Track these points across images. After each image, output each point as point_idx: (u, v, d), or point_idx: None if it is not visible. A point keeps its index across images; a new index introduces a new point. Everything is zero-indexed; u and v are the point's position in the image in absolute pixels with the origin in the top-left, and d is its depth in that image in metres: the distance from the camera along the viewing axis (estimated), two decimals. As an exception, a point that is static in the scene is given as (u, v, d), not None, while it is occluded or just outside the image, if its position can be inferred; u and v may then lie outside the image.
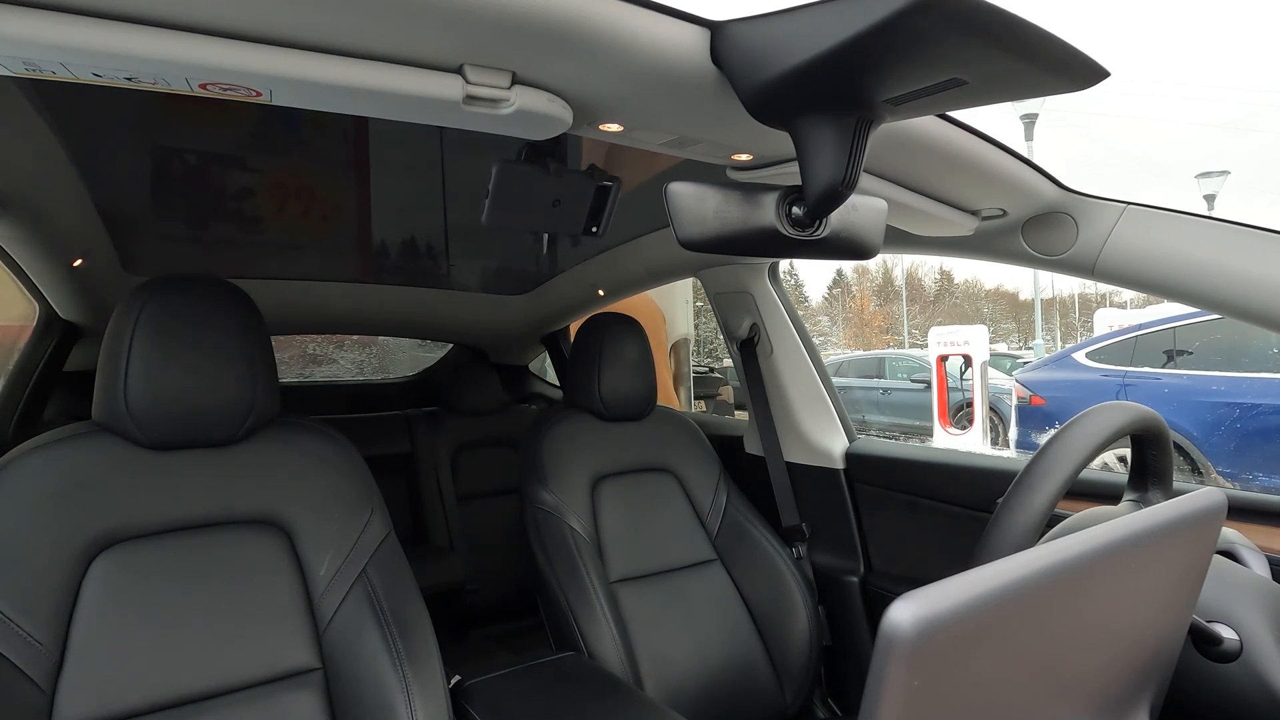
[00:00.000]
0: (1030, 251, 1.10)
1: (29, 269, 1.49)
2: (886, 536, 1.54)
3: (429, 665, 0.96)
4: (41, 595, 0.83)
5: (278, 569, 0.97)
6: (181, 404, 0.92)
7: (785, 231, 0.67)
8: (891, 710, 0.33)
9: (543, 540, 1.35)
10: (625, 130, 0.76)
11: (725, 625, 1.43)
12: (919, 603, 0.33)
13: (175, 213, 1.60)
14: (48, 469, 0.88)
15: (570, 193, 0.94)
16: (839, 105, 0.60)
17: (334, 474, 1.04)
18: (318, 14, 0.52)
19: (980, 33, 0.47)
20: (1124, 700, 0.54)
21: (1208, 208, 11.65)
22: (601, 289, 2.13)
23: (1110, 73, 0.53)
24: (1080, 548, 0.42)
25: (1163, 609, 0.54)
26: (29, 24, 0.48)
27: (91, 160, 1.26)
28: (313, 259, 1.96)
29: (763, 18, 0.58)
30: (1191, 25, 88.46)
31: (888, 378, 10.66)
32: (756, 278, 1.68)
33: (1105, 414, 0.73)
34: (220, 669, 0.89)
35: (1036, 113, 12.58)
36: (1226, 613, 0.66)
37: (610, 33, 0.57)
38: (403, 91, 0.60)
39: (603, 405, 1.50)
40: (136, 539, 0.90)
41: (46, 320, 1.72)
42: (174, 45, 0.52)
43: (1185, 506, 0.51)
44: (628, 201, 1.21)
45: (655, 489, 1.53)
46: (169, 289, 0.94)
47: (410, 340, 3.18)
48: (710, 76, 0.64)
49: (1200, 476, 4.51)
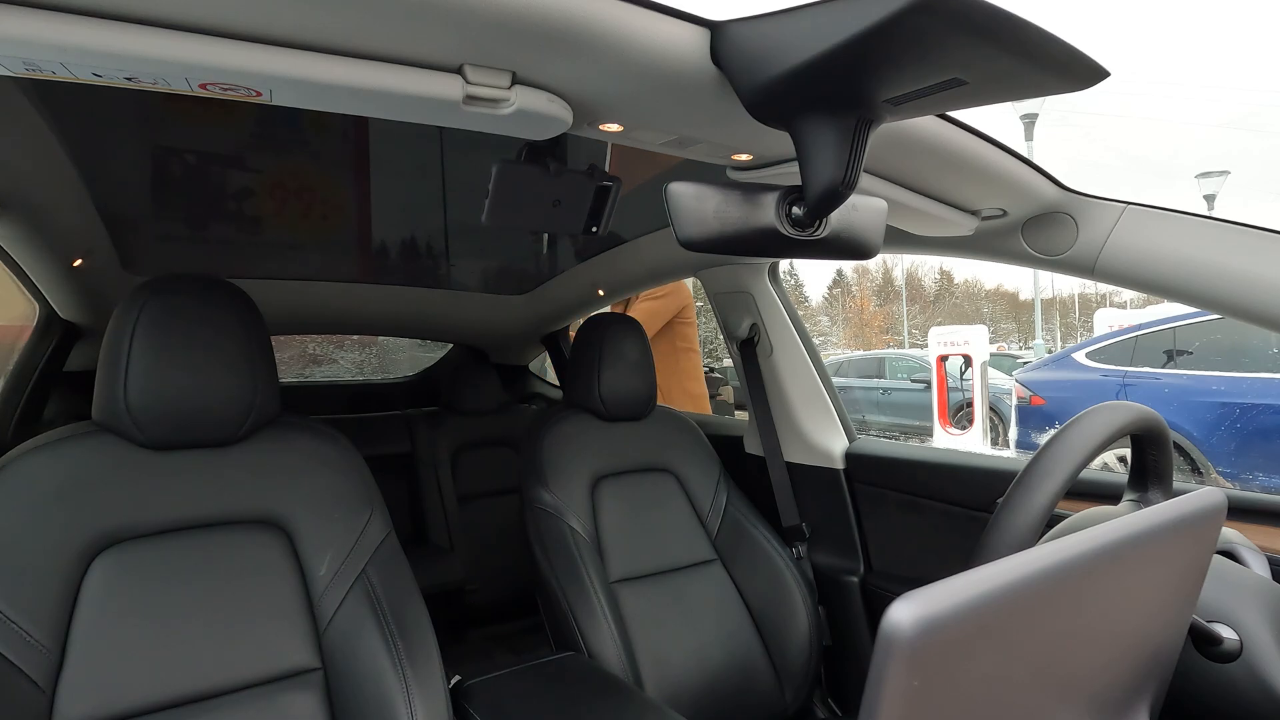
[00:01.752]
0: (1030, 251, 1.10)
1: (29, 269, 1.49)
2: (886, 536, 1.54)
3: (429, 665, 0.96)
4: (42, 595, 0.83)
5: (278, 569, 0.97)
6: (182, 404, 0.92)
7: (785, 231, 0.67)
8: (891, 710, 0.33)
9: (543, 540, 1.35)
10: (625, 130, 0.76)
11: (725, 625, 1.43)
12: (919, 603, 0.33)
13: (175, 213, 1.60)
14: (48, 469, 0.88)
15: (570, 193, 0.94)
16: (839, 105, 0.60)
17: (334, 474, 1.04)
18: (318, 14, 0.52)
19: (980, 33, 0.47)
20: (1124, 700, 0.54)
21: (1208, 208, 11.65)
22: (601, 289, 2.13)
23: (1110, 73, 0.53)
24: (1080, 548, 0.42)
25: (1163, 609, 0.54)
26: (29, 24, 0.48)
27: (91, 160, 1.26)
28: (313, 259, 1.96)
29: (763, 18, 0.58)
30: (1192, 25, 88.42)
31: (888, 378, 10.66)
32: (756, 278, 1.68)
33: (1105, 414, 0.73)
34: (220, 669, 0.89)
35: (1036, 113, 12.59)
36: (1226, 613, 0.66)
37: (610, 33, 0.57)
38: (403, 91, 0.60)
39: (603, 405, 1.50)
40: (137, 539, 0.90)
41: (46, 320, 1.72)
42: (174, 45, 0.52)
43: (1185, 506, 0.51)
44: (628, 201, 1.21)
45: (655, 489, 1.53)
46: (169, 289, 0.94)
47: (410, 340, 3.18)
48: (710, 76, 0.64)
49: (1200, 476, 4.51)
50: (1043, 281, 18.30)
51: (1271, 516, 1.00)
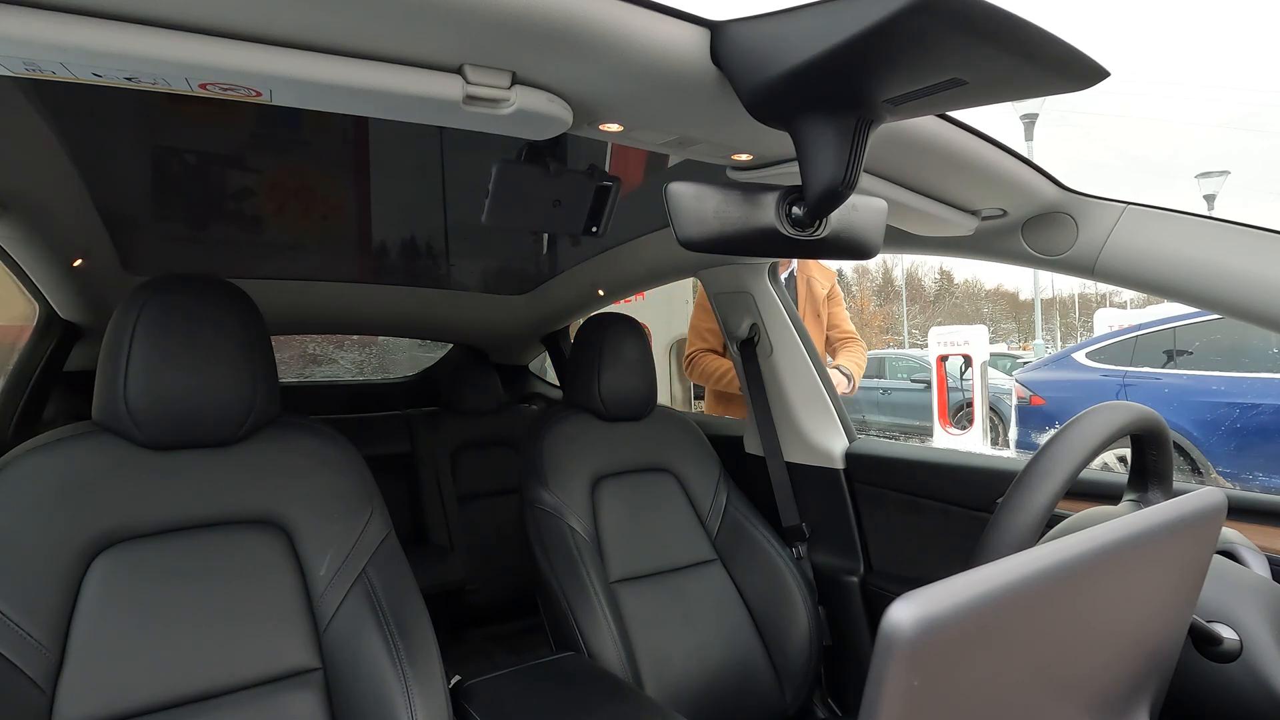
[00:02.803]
0: (1030, 251, 1.10)
1: (29, 269, 1.49)
2: (886, 536, 1.54)
3: (429, 665, 0.96)
4: (42, 595, 0.83)
5: (278, 569, 0.97)
6: (181, 404, 0.92)
7: (785, 231, 0.67)
8: (891, 710, 0.33)
9: (543, 540, 1.35)
10: (625, 130, 0.76)
11: (725, 625, 1.43)
12: (919, 603, 0.33)
13: (175, 213, 1.60)
14: (48, 469, 0.88)
15: (570, 193, 0.94)
16: (839, 105, 0.60)
17: (334, 474, 1.04)
18: (318, 14, 0.52)
19: (980, 33, 0.47)
20: (1124, 700, 0.54)
21: (1208, 208, 11.65)
22: (601, 289, 2.13)
23: (1110, 73, 0.53)
24: (1080, 548, 0.42)
25: (1163, 609, 0.54)
26: (29, 24, 0.48)
27: (91, 160, 1.26)
28: (313, 259, 1.97)
29: (763, 18, 0.58)
30: (1192, 25, 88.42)
31: (888, 378, 10.65)
32: (756, 278, 1.68)
33: (1105, 414, 0.73)
34: (220, 669, 0.89)
35: (1036, 113, 12.58)
36: (1226, 613, 0.66)
37: (610, 33, 0.57)
38: (403, 91, 0.60)
39: (603, 405, 1.50)
40: (137, 539, 0.90)
41: (46, 320, 1.72)
42: (174, 45, 0.52)
43: (1185, 506, 0.51)
44: (628, 201, 1.21)
45: (655, 489, 1.52)
46: (169, 289, 0.94)
47: (410, 340, 3.18)
48: (710, 76, 0.64)
49: (1200, 476, 4.51)
50: (1043, 281, 18.30)
51: (1272, 516, 1.00)
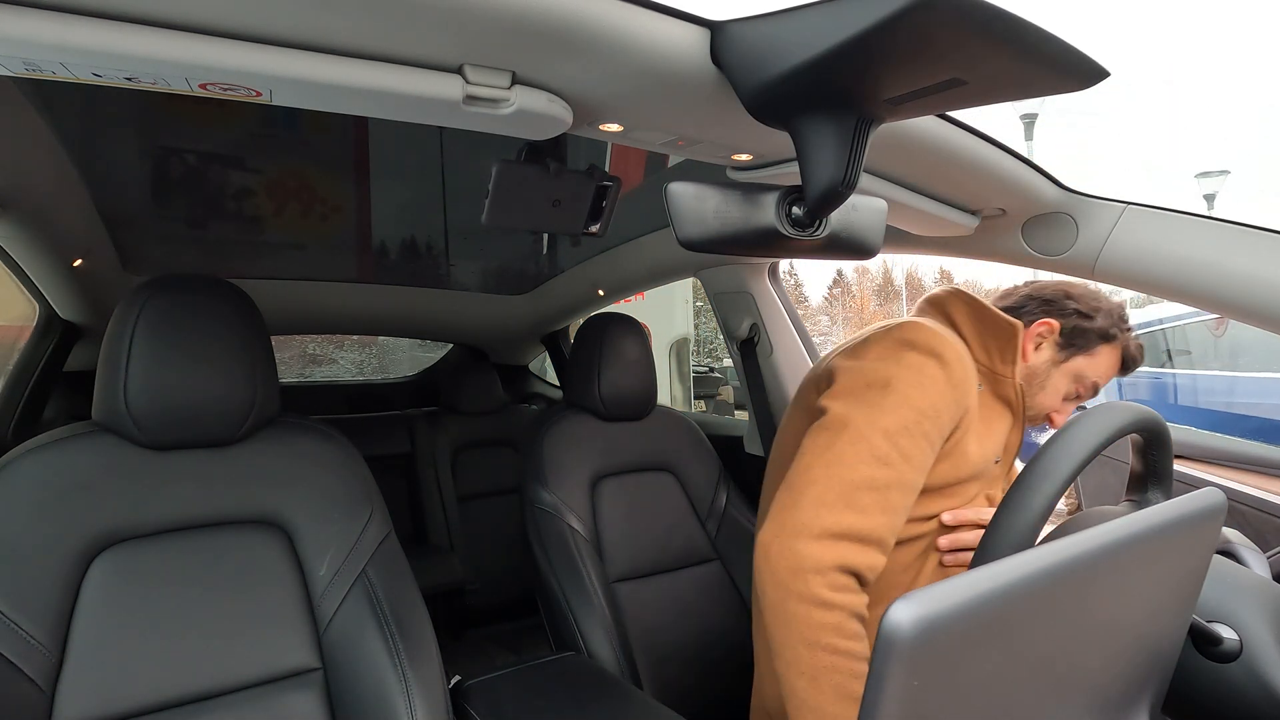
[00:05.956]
0: (1030, 251, 1.10)
1: (29, 269, 1.49)
2: (886, 536, 1.54)
3: (429, 665, 0.96)
4: (41, 595, 0.83)
5: (278, 569, 0.97)
6: (181, 404, 0.92)
7: (785, 231, 0.67)
8: (891, 710, 0.33)
9: (542, 540, 1.35)
10: (625, 130, 0.76)
11: (725, 625, 1.43)
12: (919, 603, 0.33)
13: (175, 213, 1.60)
14: (47, 469, 0.88)
15: (570, 193, 0.94)
16: (839, 105, 0.60)
17: (334, 474, 1.04)
18: (318, 14, 0.52)
19: (980, 33, 0.47)
20: (1124, 700, 0.54)
21: (1208, 208, 11.64)
22: (601, 289, 2.13)
23: (1110, 73, 0.53)
24: (1080, 548, 0.42)
25: (1163, 609, 0.54)
26: (29, 24, 0.48)
27: (91, 160, 1.26)
28: (313, 259, 1.97)
29: (763, 18, 0.58)
30: (1192, 25, 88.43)
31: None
32: (756, 278, 1.68)
33: (1105, 414, 0.73)
34: (220, 669, 0.89)
35: (1036, 113, 12.56)
36: (1226, 613, 0.66)
37: (610, 33, 0.57)
38: (403, 91, 0.59)
39: (603, 405, 1.50)
40: (136, 539, 0.90)
41: (46, 320, 1.72)
42: (174, 45, 0.52)
43: (1185, 506, 0.51)
44: (628, 201, 1.21)
45: (655, 488, 1.53)
46: (169, 289, 0.94)
47: (410, 340, 3.18)
48: (710, 76, 0.64)
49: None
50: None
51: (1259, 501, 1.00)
